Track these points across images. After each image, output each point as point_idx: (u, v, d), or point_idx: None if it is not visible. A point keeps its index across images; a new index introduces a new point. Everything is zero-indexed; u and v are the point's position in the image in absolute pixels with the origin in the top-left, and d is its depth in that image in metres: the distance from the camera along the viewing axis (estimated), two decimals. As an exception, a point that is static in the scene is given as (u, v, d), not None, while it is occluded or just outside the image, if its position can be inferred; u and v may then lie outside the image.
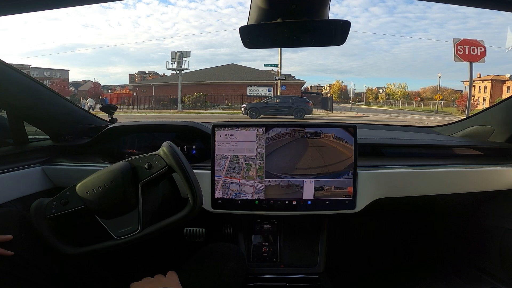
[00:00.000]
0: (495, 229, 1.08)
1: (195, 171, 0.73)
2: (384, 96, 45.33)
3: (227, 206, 0.95)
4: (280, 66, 18.48)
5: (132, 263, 1.09)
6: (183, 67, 20.94)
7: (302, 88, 28.30)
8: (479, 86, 30.24)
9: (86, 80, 36.42)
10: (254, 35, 0.78)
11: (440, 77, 29.47)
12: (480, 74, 30.64)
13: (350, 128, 0.93)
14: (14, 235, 0.64)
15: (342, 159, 0.93)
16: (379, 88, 52.77)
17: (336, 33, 0.75)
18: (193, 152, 1.15)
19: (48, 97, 1.08)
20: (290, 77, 25.26)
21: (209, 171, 0.95)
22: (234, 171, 0.94)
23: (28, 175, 0.98)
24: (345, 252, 1.32)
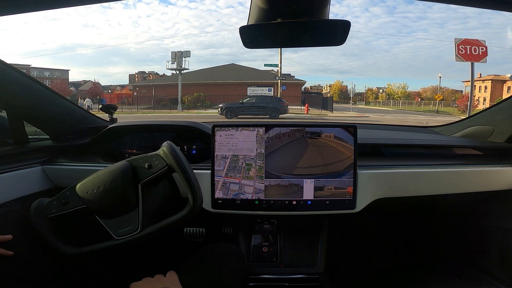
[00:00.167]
0: (495, 229, 1.08)
1: (195, 171, 0.73)
2: (384, 96, 45.32)
3: (227, 206, 0.95)
4: (280, 66, 18.47)
5: (132, 263, 1.09)
6: (183, 67, 20.94)
7: (302, 88, 28.32)
8: (480, 86, 30.21)
9: (86, 80, 36.39)
10: (254, 35, 0.78)
11: (441, 77, 29.50)
12: (481, 74, 30.63)
13: (350, 128, 0.93)
14: (14, 235, 0.64)
15: (342, 159, 0.93)
16: (379, 88, 52.79)
17: (336, 33, 0.75)
18: (193, 152, 1.15)
19: (48, 97, 1.08)
20: (290, 77, 25.25)
21: (209, 171, 0.95)
22: (234, 171, 0.94)
23: (28, 175, 0.98)
24: (345, 252, 1.32)
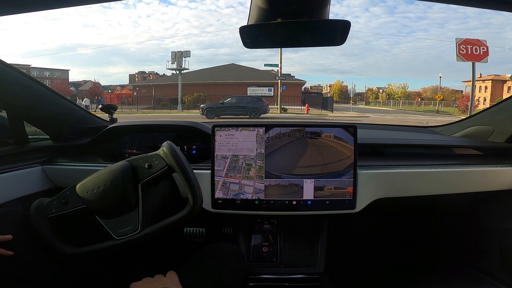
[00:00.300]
0: (495, 229, 1.08)
1: (195, 171, 0.73)
2: (385, 96, 45.28)
3: (227, 206, 0.95)
4: (280, 66, 18.46)
5: (132, 263, 1.09)
6: (183, 67, 20.95)
7: (303, 88, 28.31)
8: (480, 86, 30.18)
9: (86, 80, 36.39)
10: (254, 35, 0.78)
11: (441, 77, 29.49)
12: (481, 74, 30.60)
13: (350, 128, 0.93)
14: (14, 235, 0.64)
15: (342, 159, 0.93)
16: (380, 88, 52.76)
17: (336, 33, 0.75)
18: (193, 152, 1.15)
19: (48, 97, 1.08)
20: (291, 77, 25.25)
21: (209, 171, 0.95)
22: (234, 171, 0.94)
23: (28, 175, 0.98)
24: (345, 252, 1.32)
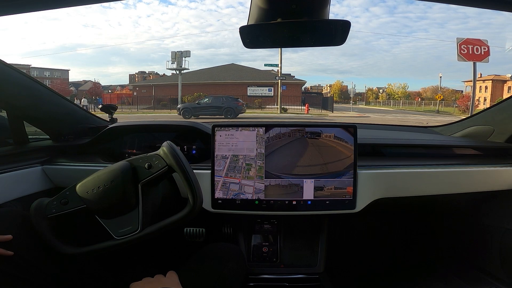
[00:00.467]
0: (495, 229, 1.08)
1: (195, 171, 0.73)
2: (385, 96, 45.22)
3: (227, 206, 0.95)
4: (281, 66, 18.45)
5: (132, 263, 1.09)
6: (183, 67, 20.93)
7: (303, 88, 28.31)
8: (480, 86, 30.14)
9: (87, 80, 36.38)
10: (254, 35, 0.78)
11: (441, 77, 29.49)
12: (481, 74, 30.57)
13: (350, 128, 0.93)
14: (14, 235, 0.64)
15: (342, 159, 0.93)
16: (380, 88, 52.72)
17: (336, 33, 0.75)
18: (193, 152, 1.15)
19: (48, 97, 1.08)
20: (291, 77, 25.22)
21: (209, 171, 0.95)
22: (234, 171, 0.94)
23: (28, 175, 0.98)
24: (345, 252, 1.32)
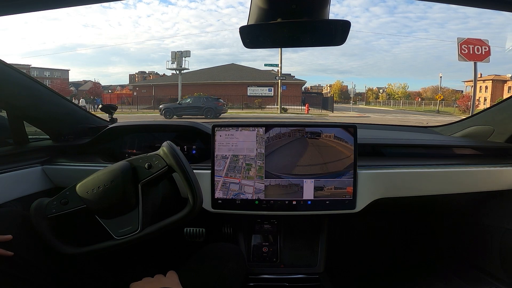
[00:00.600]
0: (495, 229, 1.08)
1: (195, 171, 0.73)
2: (385, 96, 45.20)
3: (227, 206, 0.95)
4: (281, 66, 18.44)
5: (132, 263, 1.09)
6: (183, 67, 20.94)
7: (303, 88, 28.31)
8: (480, 86, 30.10)
9: (87, 80, 36.41)
10: (254, 35, 0.78)
11: (441, 77, 29.47)
12: (481, 74, 30.54)
13: (350, 128, 0.93)
14: (14, 235, 0.64)
15: (342, 159, 0.93)
16: (380, 88, 52.71)
17: (336, 33, 0.75)
18: (193, 152, 1.15)
19: (48, 97, 1.08)
20: (291, 77, 25.21)
21: (209, 171, 0.95)
22: (234, 171, 0.94)
23: (28, 175, 0.98)
24: (345, 252, 1.32)
